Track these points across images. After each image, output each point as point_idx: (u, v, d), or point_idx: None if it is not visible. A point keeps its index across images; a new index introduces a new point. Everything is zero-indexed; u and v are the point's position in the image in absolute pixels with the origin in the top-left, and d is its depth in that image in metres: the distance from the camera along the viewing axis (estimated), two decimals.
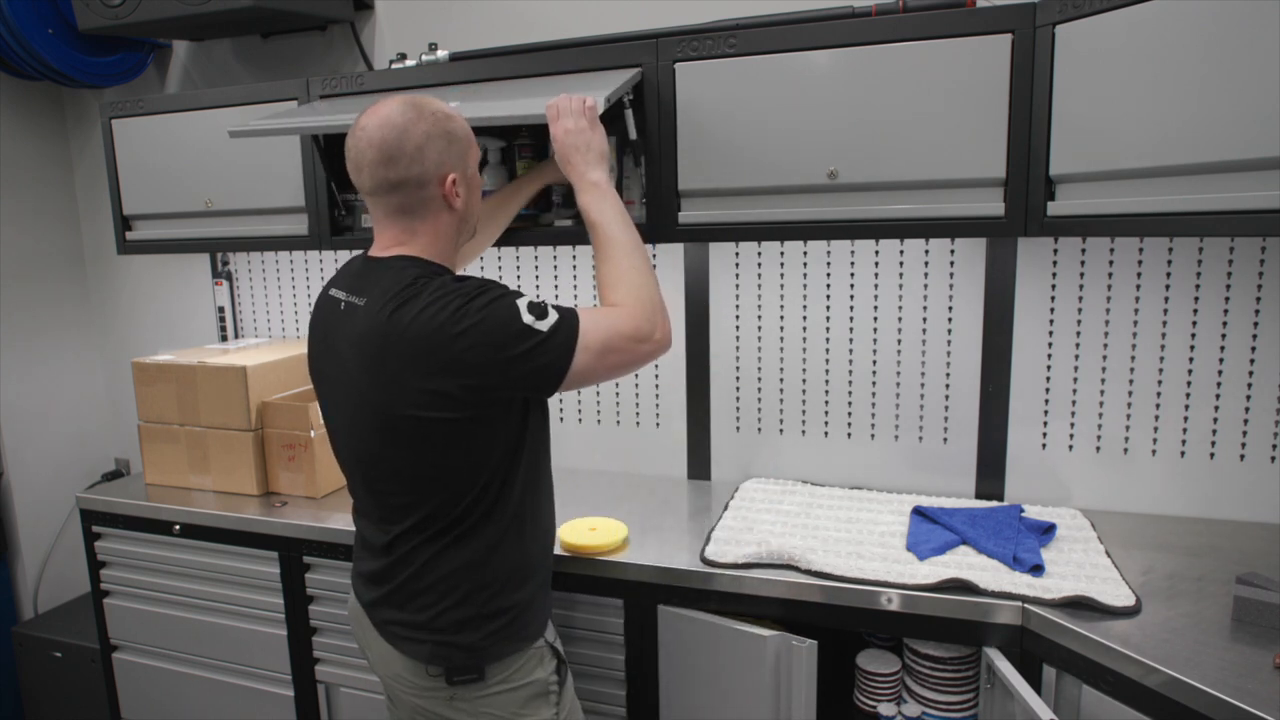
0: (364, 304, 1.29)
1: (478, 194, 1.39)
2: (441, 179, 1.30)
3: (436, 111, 1.30)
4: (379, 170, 1.28)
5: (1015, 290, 1.87)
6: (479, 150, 1.38)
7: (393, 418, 1.26)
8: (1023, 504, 1.87)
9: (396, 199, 1.30)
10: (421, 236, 1.33)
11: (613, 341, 1.27)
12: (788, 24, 1.65)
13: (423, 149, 1.27)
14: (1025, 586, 1.46)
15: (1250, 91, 1.18)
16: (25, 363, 2.70)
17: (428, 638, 1.33)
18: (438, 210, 1.32)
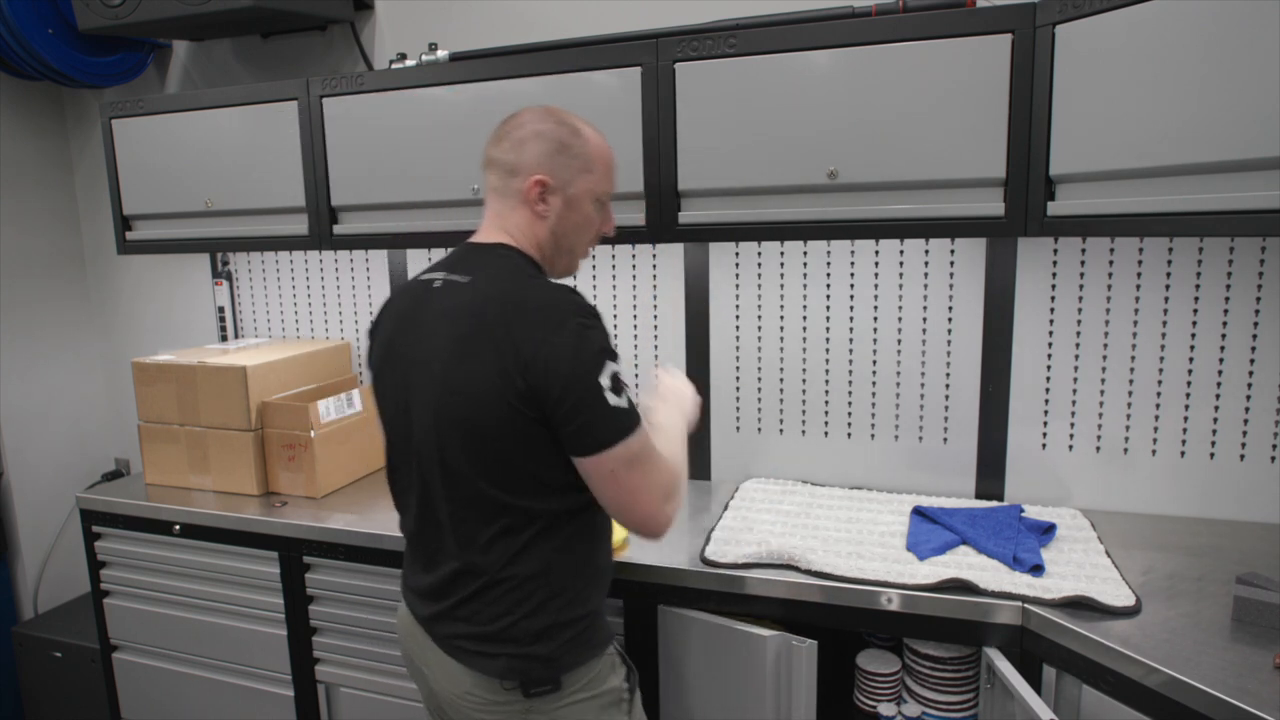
0: (469, 280, 1.26)
1: (580, 223, 1.34)
2: (525, 177, 1.29)
3: (567, 122, 1.31)
4: (490, 147, 1.33)
5: (1015, 290, 1.87)
6: (606, 185, 1.36)
7: (486, 398, 1.20)
8: (1023, 504, 1.87)
9: (493, 177, 1.33)
10: (512, 227, 1.32)
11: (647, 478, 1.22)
12: (788, 24, 1.66)
13: (526, 142, 1.29)
14: (1025, 586, 1.46)
15: (1250, 91, 1.18)
16: (25, 363, 2.70)
17: (501, 650, 1.26)
18: (519, 205, 1.31)
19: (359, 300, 2.49)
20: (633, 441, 1.18)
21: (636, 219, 1.79)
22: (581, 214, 1.34)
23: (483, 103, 1.85)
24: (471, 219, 1.91)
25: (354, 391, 2.23)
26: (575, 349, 1.16)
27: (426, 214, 1.97)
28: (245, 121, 2.10)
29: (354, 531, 1.88)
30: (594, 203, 1.34)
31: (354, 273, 2.48)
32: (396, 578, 1.86)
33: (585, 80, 1.76)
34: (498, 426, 1.20)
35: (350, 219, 2.07)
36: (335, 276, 2.51)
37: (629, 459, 1.19)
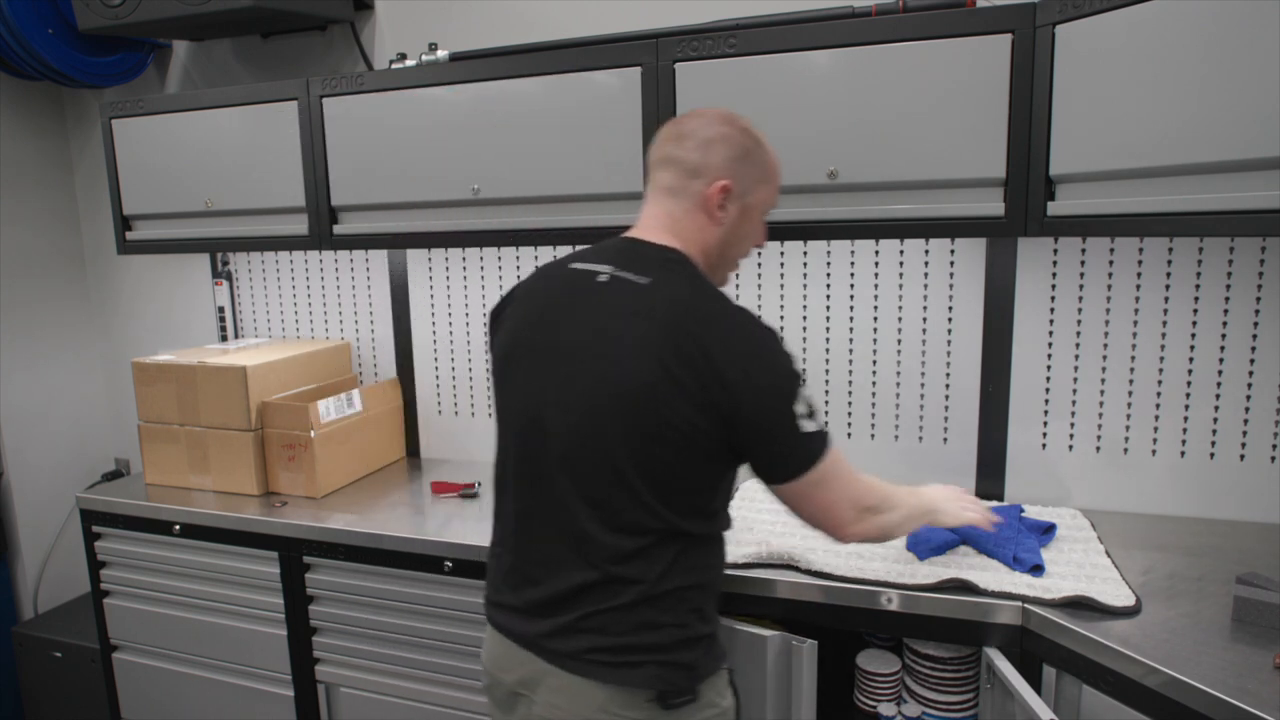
0: (648, 281, 1.20)
1: (748, 234, 1.33)
2: (713, 180, 1.26)
3: (750, 130, 1.30)
4: (668, 145, 1.30)
5: (1015, 290, 1.87)
6: (775, 199, 1.36)
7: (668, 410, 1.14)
8: (1023, 504, 1.87)
9: (668, 175, 1.29)
10: (683, 230, 1.28)
11: (838, 493, 1.23)
12: (788, 24, 1.65)
13: (713, 144, 1.26)
14: (1025, 586, 1.46)
15: (1250, 91, 1.18)
16: (25, 362, 2.70)
17: (647, 658, 1.19)
18: (695, 208, 1.28)
19: (359, 300, 2.49)
20: (825, 464, 1.19)
21: (636, 219, 1.78)
22: (752, 224, 1.32)
23: (483, 103, 1.85)
24: (472, 219, 1.93)
25: (354, 391, 2.23)
26: (773, 375, 1.16)
27: (426, 214, 1.97)
28: (245, 121, 2.10)
29: (354, 531, 1.88)
30: (762, 214, 1.34)
31: (354, 273, 2.48)
32: (396, 578, 1.87)
33: (585, 80, 1.76)
34: (675, 441, 1.15)
35: (350, 219, 2.07)
36: (335, 276, 2.51)
37: (819, 481, 1.20)
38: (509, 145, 1.85)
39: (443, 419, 2.44)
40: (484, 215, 1.92)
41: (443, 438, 2.45)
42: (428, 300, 2.40)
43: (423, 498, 2.10)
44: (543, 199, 1.86)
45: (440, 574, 1.81)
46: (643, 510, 1.17)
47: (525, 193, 1.86)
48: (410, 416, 2.46)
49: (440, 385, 2.43)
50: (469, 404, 2.40)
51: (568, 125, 1.79)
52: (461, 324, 2.37)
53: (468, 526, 1.89)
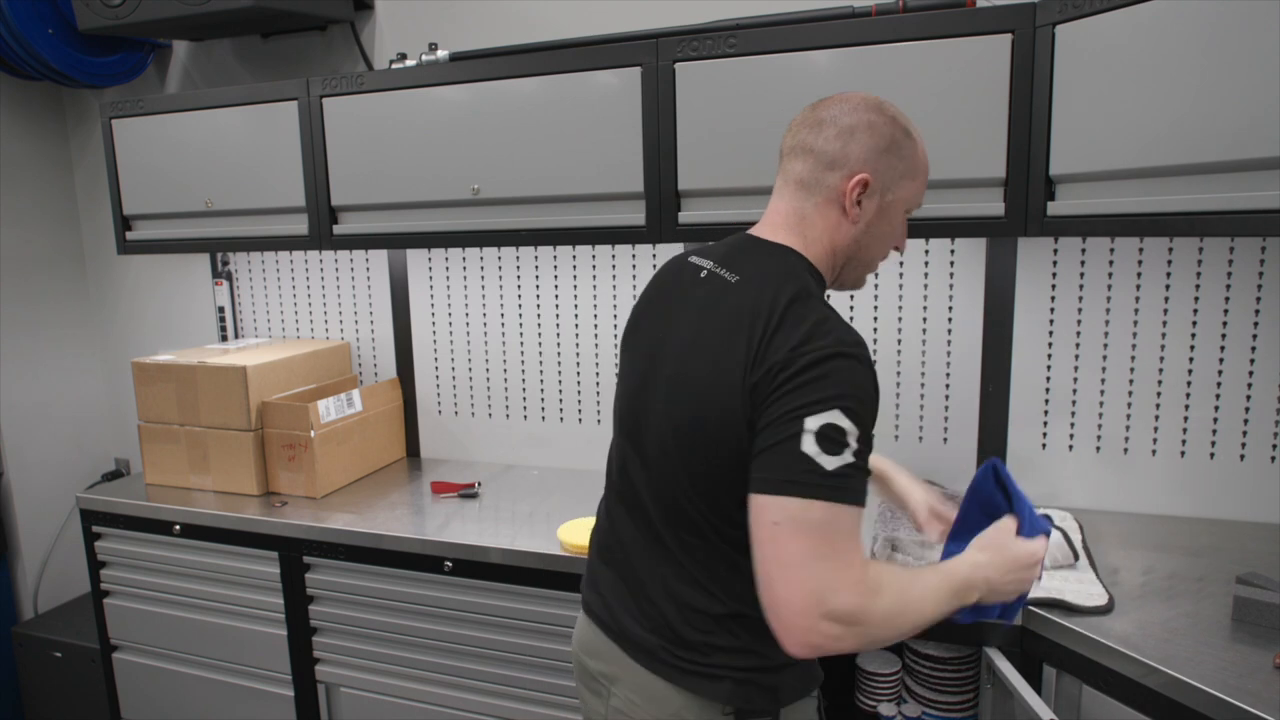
0: (737, 280, 1.13)
1: (886, 234, 1.19)
2: (851, 173, 1.13)
3: (900, 120, 1.16)
4: (804, 131, 1.17)
5: (1015, 290, 1.87)
6: (920, 197, 1.21)
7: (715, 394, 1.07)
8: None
9: (801, 166, 1.16)
10: (810, 226, 1.16)
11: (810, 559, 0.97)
12: (788, 24, 1.66)
13: (855, 132, 1.13)
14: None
15: (1250, 91, 1.18)
16: (25, 362, 2.70)
17: (726, 673, 1.13)
18: (828, 203, 1.15)
19: (359, 300, 2.49)
20: (814, 507, 0.97)
21: (637, 219, 1.79)
22: (891, 223, 1.19)
23: (483, 103, 1.85)
24: (472, 219, 1.92)
25: (354, 391, 2.23)
26: (814, 370, 1.00)
27: (426, 214, 1.97)
28: (245, 121, 2.10)
29: (354, 531, 1.88)
30: (904, 213, 1.20)
31: (354, 273, 2.48)
32: (396, 578, 1.87)
33: (585, 80, 1.76)
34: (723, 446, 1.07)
35: (350, 219, 2.07)
36: (335, 276, 2.51)
37: (799, 522, 0.97)
38: (509, 145, 1.85)
39: (443, 419, 2.44)
40: (484, 215, 1.92)
41: (443, 438, 2.45)
42: (428, 300, 2.40)
43: (423, 498, 2.10)
44: (543, 199, 1.86)
45: (440, 574, 1.81)
46: (702, 518, 1.12)
47: (525, 193, 1.86)
48: (410, 416, 2.46)
49: (440, 385, 2.43)
50: (469, 404, 2.40)
51: (568, 125, 1.79)
52: (461, 324, 2.37)
53: (468, 526, 1.89)
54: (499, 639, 1.80)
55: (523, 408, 2.35)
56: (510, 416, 2.36)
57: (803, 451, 0.97)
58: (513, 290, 2.30)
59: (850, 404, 0.99)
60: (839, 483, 0.97)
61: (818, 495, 0.97)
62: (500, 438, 2.38)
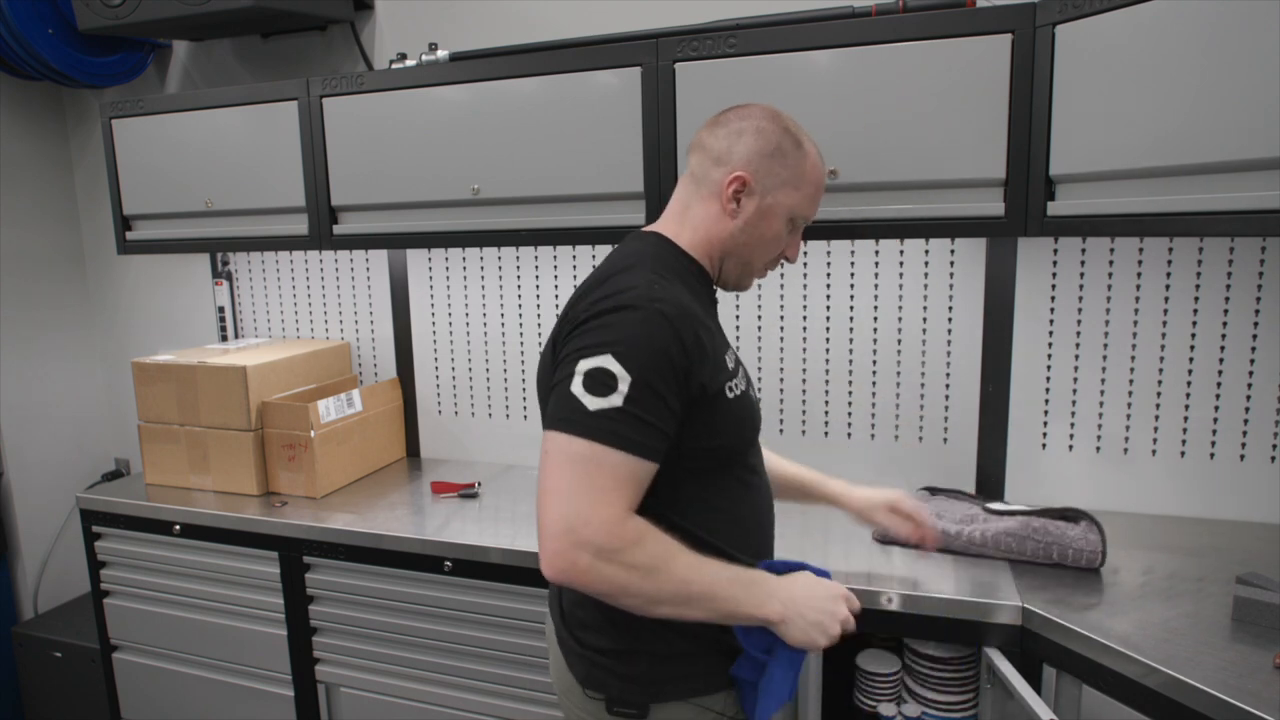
0: (596, 268, 1.24)
1: (766, 238, 1.24)
2: (731, 170, 1.20)
3: (791, 131, 1.23)
4: (702, 131, 1.26)
5: (1015, 290, 1.87)
6: (807, 208, 1.26)
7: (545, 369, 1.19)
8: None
9: (694, 160, 1.25)
10: (690, 216, 1.24)
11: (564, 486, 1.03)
12: (788, 24, 1.66)
13: (743, 134, 1.21)
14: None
15: (1250, 92, 1.18)
16: (25, 362, 2.70)
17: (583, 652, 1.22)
18: (711, 197, 1.23)
19: (359, 300, 2.49)
20: (575, 443, 1.03)
21: (636, 219, 1.79)
22: (771, 228, 1.24)
23: (483, 103, 1.85)
24: (472, 219, 1.92)
25: (354, 391, 2.23)
26: (583, 331, 1.08)
27: (426, 214, 1.97)
28: (245, 121, 2.10)
29: (354, 531, 1.88)
30: (787, 221, 1.25)
31: (354, 273, 2.48)
32: (396, 578, 1.87)
33: (585, 80, 1.76)
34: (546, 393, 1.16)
35: (350, 219, 2.07)
36: (335, 276, 2.51)
37: (563, 454, 1.03)
38: (509, 145, 1.85)
39: (443, 419, 2.44)
40: (484, 215, 1.92)
41: (443, 438, 2.45)
42: (428, 300, 2.40)
43: (423, 498, 2.10)
44: (543, 199, 1.86)
45: (440, 574, 1.81)
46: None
47: (525, 193, 1.86)
48: (410, 416, 2.46)
49: (440, 385, 2.43)
50: (469, 404, 2.40)
51: (568, 125, 1.79)
52: (461, 324, 2.37)
53: (467, 526, 1.89)
54: (499, 639, 1.80)
55: (523, 408, 2.35)
56: (510, 416, 2.36)
57: (570, 391, 1.04)
58: (513, 290, 2.30)
59: (622, 349, 1.04)
60: (601, 424, 1.02)
61: (578, 432, 1.03)
62: (500, 438, 2.38)
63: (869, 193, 1.63)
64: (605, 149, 1.77)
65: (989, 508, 1.68)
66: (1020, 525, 1.59)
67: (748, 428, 1.24)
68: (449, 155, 1.90)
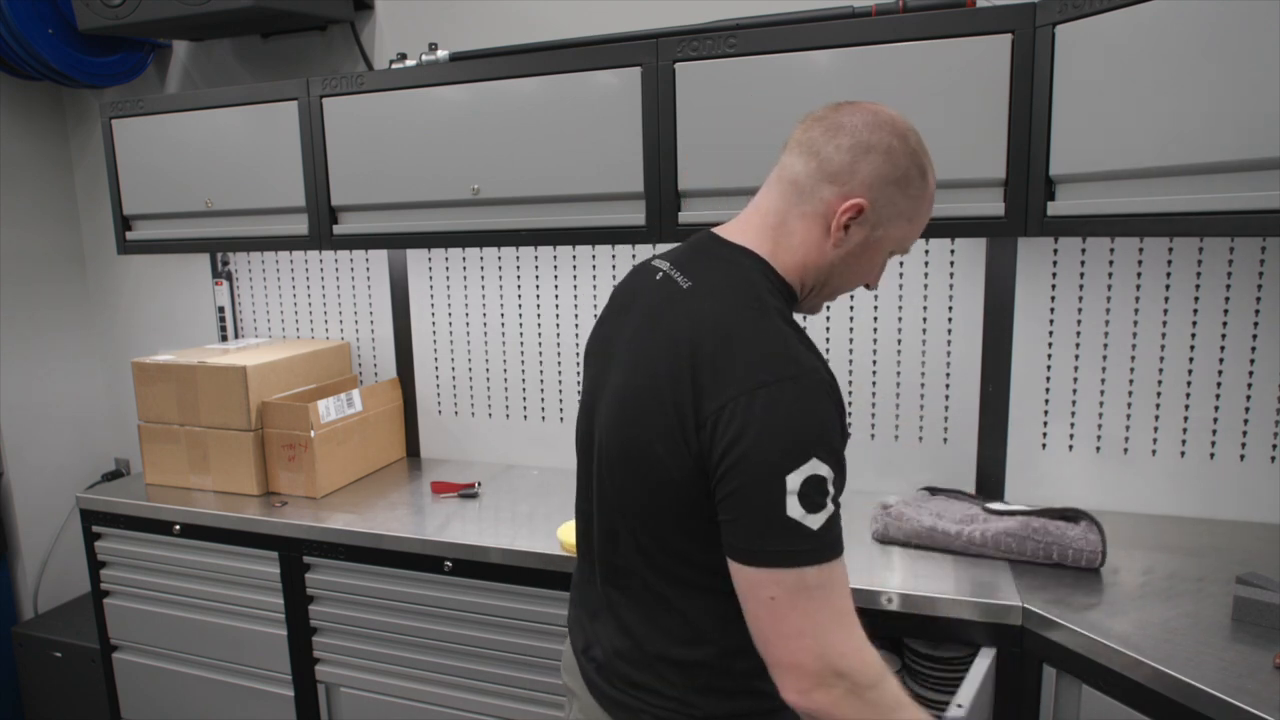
0: (690, 285, 1.05)
1: (865, 268, 1.10)
2: (846, 195, 1.03)
3: (918, 153, 1.05)
4: (816, 130, 1.06)
5: (1015, 290, 1.87)
6: (910, 241, 1.11)
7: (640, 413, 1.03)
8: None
9: (802, 166, 1.05)
10: (788, 234, 1.07)
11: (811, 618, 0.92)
12: (788, 24, 1.66)
13: (871, 152, 1.03)
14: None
15: (1250, 92, 1.18)
16: (25, 363, 2.70)
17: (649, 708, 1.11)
18: (815, 216, 1.05)
19: (359, 300, 2.49)
20: (808, 574, 0.92)
21: (637, 219, 1.79)
22: (873, 260, 1.09)
23: (483, 103, 1.85)
24: (472, 219, 1.92)
25: (354, 391, 2.23)
26: (767, 426, 0.92)
27: (426, 214, 1.97)
28: (245, 121, 2.10)
29: (354, 531, 1.88)
30: (888, 253, 1.11)
31: (354, 273, 2.48)
32: (396, 578, 1.87)
33: (585, 80, 1.76)
34: (652, 470, 1.02)
35: (350, 219, 2.07)
36: (335, 276, 2.51)
37: (786, 590, 0.92)
38: (509, 145, 1.85)
39: (443, 419, 2.44)
40: (484, 215, 1.92)
41: (443, 438, 2.45)
42: (428, 300, 2.40)
43: (423, 498, 2.10)
44: (543, 199, 1.86)
45: (440, 574, 1.81)
46: (638, 552, 1.07)
47: (525, 193, 1.86)
48: (410, 416, 2.46)
49: (440, 385, 2.43)
50: (469, 404, 2.40)
51: (568, 125, 1.79)
52: (461, 324, 2.37)
53: (467, 527, 1.89)
54: (499, 639, 1.80)
55: (523, 408, 2.35)
56: (510, 416, 2.36)
57: (789, 517, 0.91)
58: (513, 290, 2.30)
59: (822, 445, 0.93)
60: (827, 539, 0.93)
61: (811, 561, 0.92)
62: (500, 438, 2.38)
63: None
64: (605, 149, 1.77)
65: (989, 508, 1.68)
66: (1020, 525, 1.59)
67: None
68: (449, 155, 1.90)
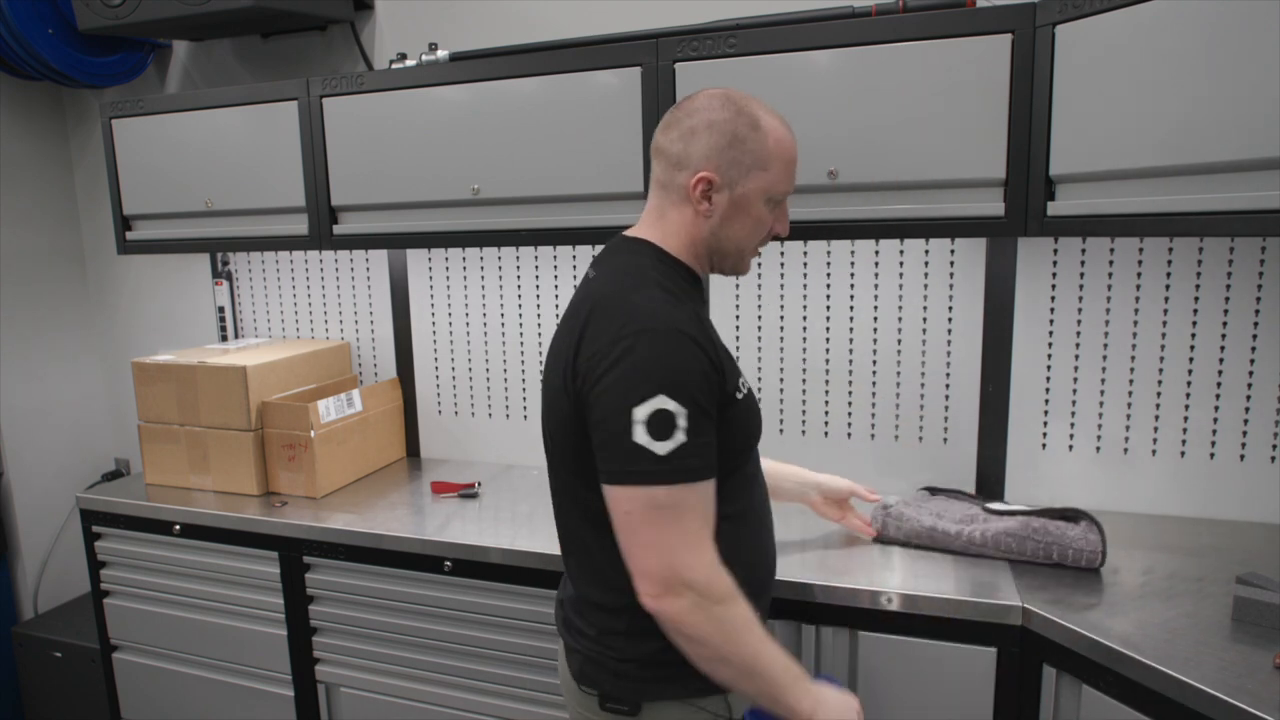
0: (593, 278, 1.23)
1: (748, 225, 1.22)
2: (694, 172, 1.18)
3: (746, 111, 1.19)
4: (658, 133, 1.23)
5: (1015, 290, 1.87)
6: (783, 184, 1.22)
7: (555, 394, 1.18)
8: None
9: (657, 167, 1.24)
10: (668, 223, 1.23)
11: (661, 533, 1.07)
12: (788, 24, 1.66)
13: (696, 133, 1.18)
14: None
15: (1250, 92, 1.18)
16: (25, 362, 2.70)
17: (578, 646, 1.25)
18: (682, 201, 1.21)
19: (359, 300, 2.49)
20: (657, 492, 1.06)
21: (636, 219, 1.78)
22: (751, 215, 1.21)
23: (483, 103, 1.85)
24: (472, 219, 1.93)
25: (354, 391, 2.23)
26: (622, 368, 1.06)
27: (426, 214, 1.97)
28: (245, 121, 2.10)
29: (354, 531, 1.88)
30: (766, 202, 1.22)
31: (354, 273, 2.48)
32: (397, 578, 1.87)
33: (585, 80, 1.76)
34: (565, 433, 1.17)
35: (350, 219, 2.07)
36: (335, 276, 2.51)
37: (646, 506, 1.07)
38: (509, 145, 1.85)
39: (443, 419, 2.44)
40: (484, 215, 1.92)
41: (443, 438, 2.45)
42: (428, 300, 2.40)
43: (423, 498, 2.10)
44: (543, 199, 1.86)
45: (440, 574, 1.81)
46: (571, 506, 1.23)
47: (525, 193, 1.86)
48: (410, 416, 2.46)
49: (440, 385, 2.43)
50: (469, 404, 2.40)
51: (568, 125, 1.79)
52: (461, 324, 2.37)
53: (467, 527, 1.89)
54: (499, 639, 1.80)
55: (523, 408, 2.35)
56: (510, 416, 2.36)
57: (635, 442, 1.05)
58: (513, 290, 2.30)
59: (671, 384, 1.05)
60: (675, 464, 1.06)
61: (657, 480, 1.05)
62: (500, 438, 2.38)
63: (869, 193, 1.63)
64: (605, 149, 1.77)
65: (989, 508, 1.68)
66: (1020, 525, 1.59)
67: (755, 424, 1.26)
68: (449, 155, 1.90)
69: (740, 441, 1.21)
